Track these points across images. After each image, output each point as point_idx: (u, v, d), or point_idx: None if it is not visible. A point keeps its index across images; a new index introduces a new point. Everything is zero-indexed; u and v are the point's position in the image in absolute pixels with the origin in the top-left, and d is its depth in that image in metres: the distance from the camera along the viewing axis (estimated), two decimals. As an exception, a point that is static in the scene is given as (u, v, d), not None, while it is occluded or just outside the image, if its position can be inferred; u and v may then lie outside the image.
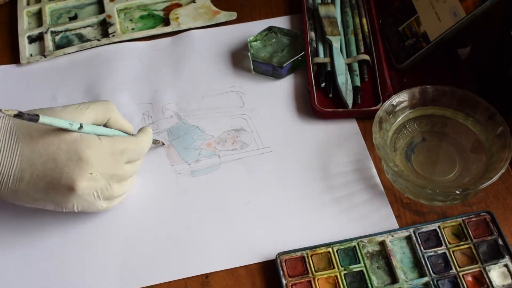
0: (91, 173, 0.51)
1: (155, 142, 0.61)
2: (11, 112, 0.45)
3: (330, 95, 0.65)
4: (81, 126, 0.51)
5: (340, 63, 0.67)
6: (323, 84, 0.66)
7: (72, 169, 0.50)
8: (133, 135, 0.57)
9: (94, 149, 0.51)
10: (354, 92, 0.65)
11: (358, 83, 0.66)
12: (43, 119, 0.48)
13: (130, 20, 0.77)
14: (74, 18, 0.77)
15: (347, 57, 0.68)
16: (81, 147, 0.50)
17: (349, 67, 0.67)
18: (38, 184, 0.50)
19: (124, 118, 0.57)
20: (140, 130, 0.57)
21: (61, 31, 0.75)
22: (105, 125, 0.55)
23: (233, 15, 0.75)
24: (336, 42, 0.68)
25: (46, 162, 0.49)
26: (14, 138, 0.50)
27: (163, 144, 0.62)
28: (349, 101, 0.64)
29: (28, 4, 0.78)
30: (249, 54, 0.70)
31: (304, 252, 0.53)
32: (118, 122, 0.56)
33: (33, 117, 0.47)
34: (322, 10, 0.71)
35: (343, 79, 0.65)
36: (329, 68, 0.67)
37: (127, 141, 0.54)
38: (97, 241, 0.56)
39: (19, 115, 0.46)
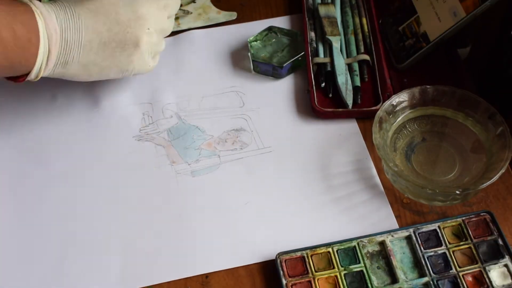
0: (148, 28, 0.58)
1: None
2: None
3: (330, 95, 0.65)
4: None
5: (340, 63, 0.67)
6: (323, 84, 0.66)
7: (134, 26, 0.57)
8: None
9: (146, 6, 0.57)
10: (354, 92, 0.65)
11: (358, 83, 0.66)
12: None
13: (130, 20, 0.76)
14: (74, 18, 0.77)
15: (347, 57, 0.68)
16: (136, 6, 0.57)
17: (349, 67, 0.67)
18: (106, 50, 0.56)
19: None
20: None
21: (61, 31, 0.75)
22: None
23: (233, 15, 0.75)
24: (336, 42, 0.68)
25: (110, 28, 0.56)
26: (75, 15, 0.55)
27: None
28: (349, 101, 0.64)
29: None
30: (249, 54, 0.70)
31: (304, 252, 0.53)
32: None
33: None
34: (322, 10, 0.71)
35: (343, 79, 0.65)
36: (329, 68, 0.67)
37: None
38: (97, 241, 0.56)
39: None
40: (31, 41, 0.52)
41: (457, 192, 0.53)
